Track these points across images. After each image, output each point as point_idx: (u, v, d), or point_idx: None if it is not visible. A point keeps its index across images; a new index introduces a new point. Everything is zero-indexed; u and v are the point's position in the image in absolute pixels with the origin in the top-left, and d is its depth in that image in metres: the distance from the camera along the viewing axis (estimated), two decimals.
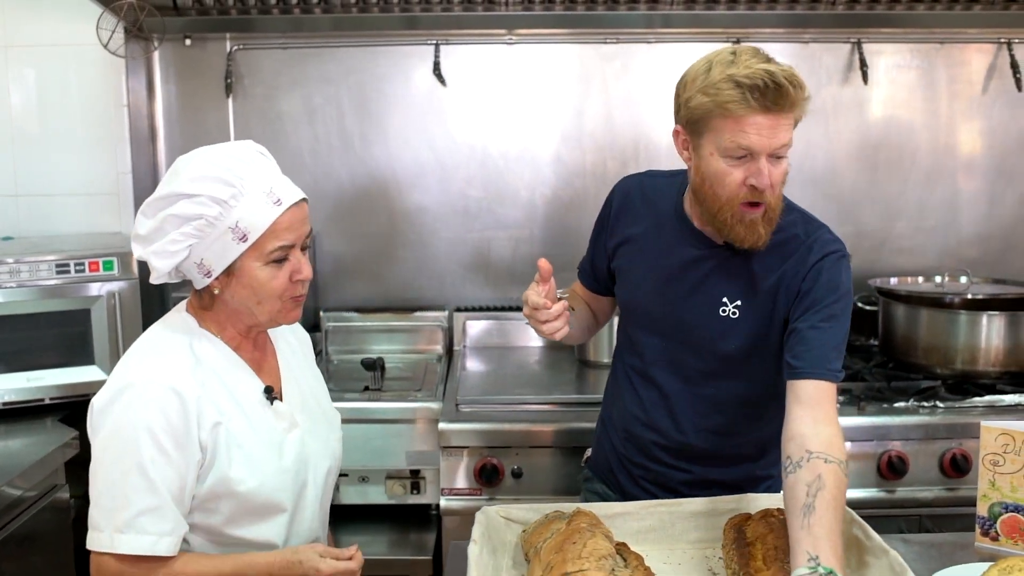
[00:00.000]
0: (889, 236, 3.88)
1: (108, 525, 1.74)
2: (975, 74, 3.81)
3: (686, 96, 1.94)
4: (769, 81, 1.84)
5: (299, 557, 1.81)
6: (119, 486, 1.73)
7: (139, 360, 1.82)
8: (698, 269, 2.11)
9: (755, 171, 1.90)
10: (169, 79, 3.72)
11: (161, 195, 1.75)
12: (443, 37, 3.70)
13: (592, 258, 2.37)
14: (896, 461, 2.96)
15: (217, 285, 1.81)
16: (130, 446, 1.73)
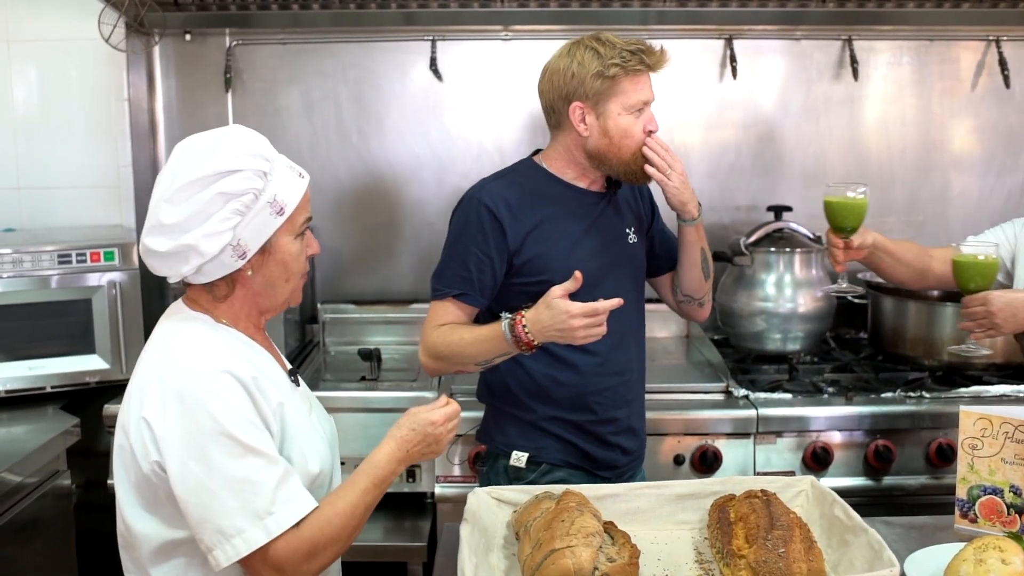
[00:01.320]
0: (879, 230, 3.83)
1: (249, 521, 1.65)
2: (964, 71, 3.87)
3: (586, 75, 2.31)
4: (650, 46, 2.38)
5: (411, 429, 1.85)
6: (235, 480, 1.65)
7: (181, 357, 1.72)
8: (601, 215, 2.48)
9: (649, 119, 2.40)
10: (169, 74, 3.77)
11: (196, 177, 1.68)
12: (440, 33, 3.75)
13: (479, 274, 2.37)
14: (883, 451, 3.02)
15: (249, 267, 1.75)
16: (220, 440, 1.65)
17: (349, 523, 1.75)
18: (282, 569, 1.69)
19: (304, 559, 1.69)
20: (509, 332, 2.24)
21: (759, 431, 3.03)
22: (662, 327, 3.90)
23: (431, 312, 2.41)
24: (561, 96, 2.36)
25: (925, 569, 1.88)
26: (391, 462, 1.83)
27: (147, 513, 1.74)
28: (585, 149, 2.39)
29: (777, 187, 3.88)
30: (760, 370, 3.46)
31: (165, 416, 1.67)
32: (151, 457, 1.68)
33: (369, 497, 1.79)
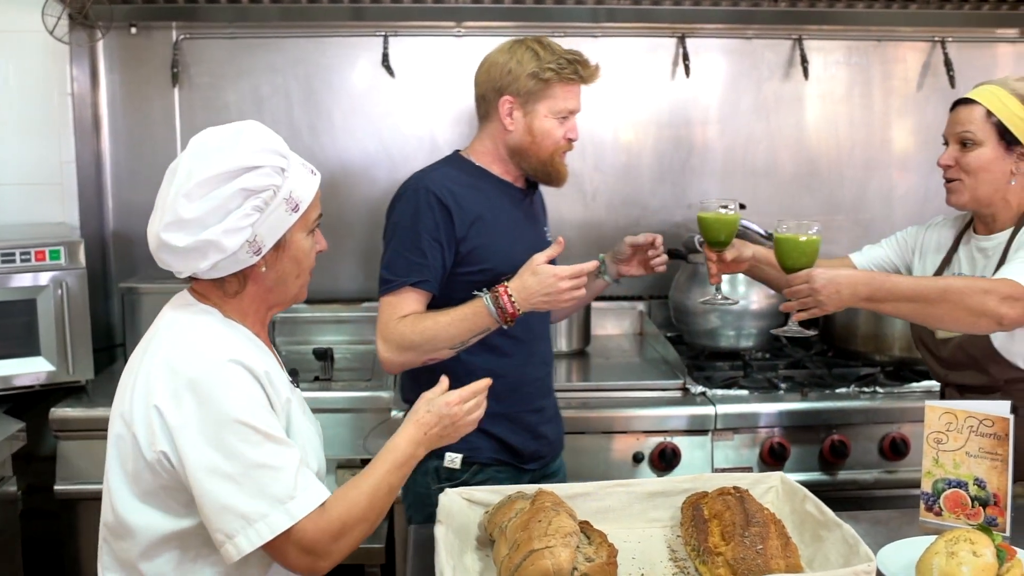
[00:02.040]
0: (828, 228, 3.91)
1: (272, 505, 1.65)
2: (911, 71, 3.93)
3: (522, 73, 2.40)
4: (587, 59, 2.47)
5: (427, 411, 1.87)
6: (255, 466, 1.65)
7: (193, 347, 1.71)
8: (528, 210, 2.58)
9: (572, 128, 2.48)
10: (114, 68, 3.68)
11: (217, 172, 1.67)
12: (391, 29, 3.71)
13: (432, 263, 2.38)
14: (839, 445, 3.05)
15: (263, 263, 1.75)
16: (237, 428, 1.65)
17: (375, 503, 1.77)
18: (313, 550, 1.70)
19: (333, 539, 1.71)
20: (493, 305, 2.29)
21: (717, 428, 3.04)
22: (616, 324, 3.91)
23: (387, 306, 2.38)
24: (494, 88, 2.44)
25: (897, 563, 1.89)
26: (410, 444, 1.84)
27: (143, 504, 1.72)
28: (507, 143, 2.47)
29: (729, 185, 3.90)
30: (715, 367, 3.48)
31: (179, 405, 1.66)
32: (158, 447, 1.67)
33: (392, 478, 1.81)
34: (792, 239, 2.36)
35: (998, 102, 2.38)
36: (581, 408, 3.09)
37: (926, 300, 2.26)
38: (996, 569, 1.80)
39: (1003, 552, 1.83)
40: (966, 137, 2.41)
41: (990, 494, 2.10)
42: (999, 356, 2.40)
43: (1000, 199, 2.43)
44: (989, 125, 2.38)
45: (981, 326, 2.27)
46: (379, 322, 2.39)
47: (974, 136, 2.40)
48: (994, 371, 2.42)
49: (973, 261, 2.51)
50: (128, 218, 3.73)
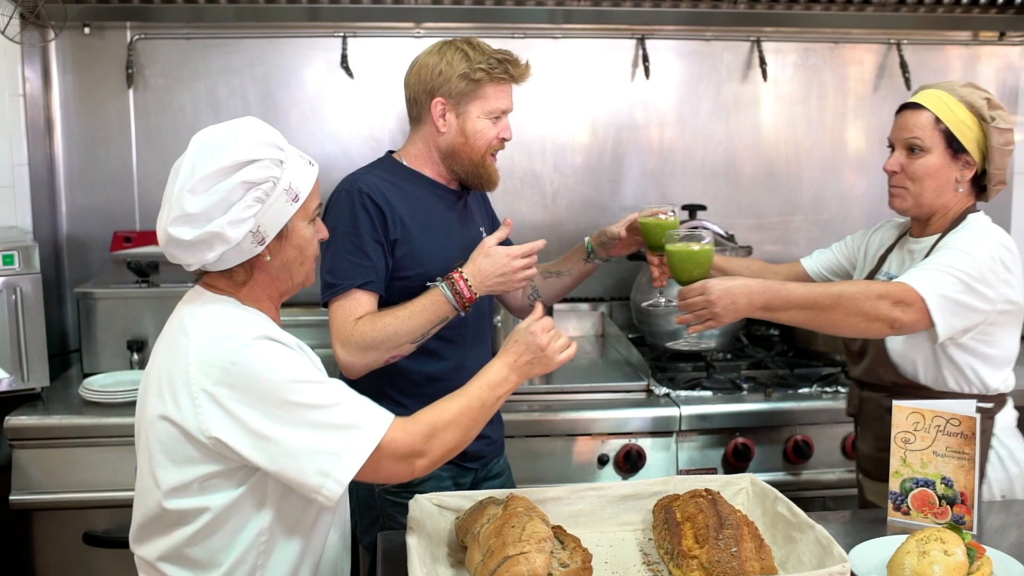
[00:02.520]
0: (787, 229, 4.01)
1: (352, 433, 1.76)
2: (867, 73, 3.97)
3: (453, 74, 2.38)
4: (517, 58, 2.46)
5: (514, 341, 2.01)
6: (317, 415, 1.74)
7: (224, 331, 1.78)
8: (462, 212, 2.57)
9: (505, 127, 2.47)
10: (67, 68, 3.61)
11: (218, 167, 1.74)
12: (350, 29, 3.67)
13: (376, 264, 2.37)
14: (802, 445, 3.07)
15: (267, 252, 1.82)
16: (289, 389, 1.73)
17: (465, 412, 1.90)
18: (409, 453, 1.82)
19: (425, 439, 1.84)
20: (449, 291, 2.32)
21: (681, 429, 3.05)
22: (577, 326, 3.90)
23: (339, 310, 2.35)
24: (425, 90, 2.43)
25: (868, 563, 1.90)
26: (503, 367, 1.98)
27: (194, 494, 1.80)
28: (439, 145, 2.46)
29: (689, 186, 3.92)
30: (677, 368, 3.48)
31: (228, 390, 1.73)
32: (211, 433, 1.74)
33: (484, 394, 1.94)
34: (685, 250, 2.33)
35: (946, 109, 2.37)
36: (544, 411, 3.08)
37: (820, 307, 2.26)
38: (967, 568, 1.82)
39: (973, 551, 1.85)
40: (914, 143, 2.39)
41: (957, 493, 2.11)
42: (887, 359, 2.44)
43: (941, 205, 2.43)
44: (937, 132, 2.37)
45: (874, 330, 2.29)
46: (333, 328, 2.36)
47: (921, 142, 2.38)
48: (882, 372, 2.46)
49: (903, 262, 2.51)
50: (82, 221, 3.66)
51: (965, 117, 2.36)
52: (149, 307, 3.24)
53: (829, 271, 2.77)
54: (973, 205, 2.46)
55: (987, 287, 2.28)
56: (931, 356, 2.39)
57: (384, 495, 2.44)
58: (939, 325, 2.24)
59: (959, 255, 2.28)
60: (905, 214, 2.51)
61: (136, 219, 3.67)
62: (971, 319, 2.29)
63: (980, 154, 2.38)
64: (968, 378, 2.38)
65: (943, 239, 2.40)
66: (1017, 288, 2.35)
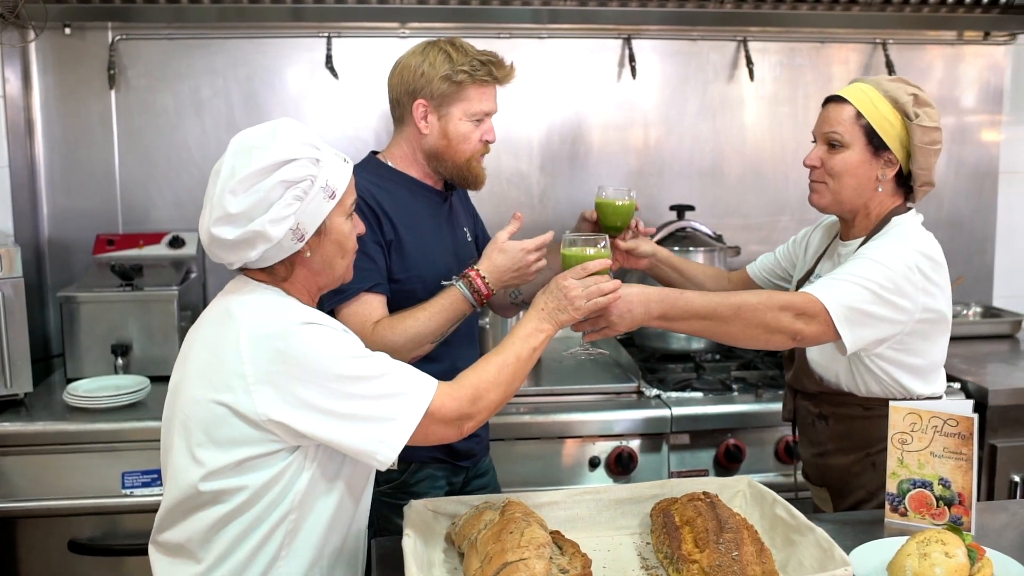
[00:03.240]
0: (774, 229, 4.00)
1: (401, 400, 1.83)
2: (853, 72, 3.97)
3: (435, 76, 2.37)
4: (501, 60, 2.44)
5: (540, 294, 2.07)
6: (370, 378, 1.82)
7: (272, 316, 1.83)
8: (448, 213, 2.56)
9: (488, 130, 2.45)
10: (48, 69, 3.56)
11: (257, 168, 1.78)
12: (335, 30, 3.65)
13: (379, 265, 2.36)
14: (793, 445, 3.05)
15: (307, 248, 1.87)
16: (339, 366, 1.80)
17: (504, 369, 1.96)
18: (458, 417, 1.89)
19: (471, 402, 1.91)
20: (467, 289, 2.32)
21: (672, 430, 3.03)
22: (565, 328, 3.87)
23: (352, 317, 2.30)
24: (408, 92, 2.42)
25: (868, 565, 1.89)
26: (533, 319, 2.04)
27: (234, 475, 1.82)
28: (423, 147, 2.45)
29: (676, 186, 3.91)
30: (667, 369, 3.47)
31: (284, 369, 1.78)
32: (267, 415, 1.78)
33: (518, 348, 2.00)
34: (580, 254, 2.24)
35: (869, 103, 2.28)
36: (535, 413, 3.06)
37: (720, 318, 2.16)
38: (968, 569, 1.80)
39: (973, 552, 1.84)
40: (833, 138, 2.31)
41: (955, 494, 2.10)
42: (808, 367, 2.42)
43: (862, 205, 2.35)
44: (858, 127, 2.29)
45: (775, 342, 2.20)
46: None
47: (841, 138, 2.29)
48: (806, 380, 2.44)
49: (832, 266, 2.41)
50: (64, 224, 3.61)
51: (888, 113, 2.27)
52: (133, 311, 3.20)
53: (772, 276, 2.71)
54: (901, 206, 2.37)
55: (901, 297, 2.20)
56: (847, 366, 2.33)
57: (378, 496, 2.41)
58: (845, 338, 2.16)
59: (871, 265, 2.20)
60: (825, 211, 2.43)
61: (119, 222, 3.62)
62: (883, 331, 2.21)
63: (904, 152, 2.29)
64: (890, 386, 2.32)
65: (863, 245, 2.32)
66: (939, 297, 2.28)
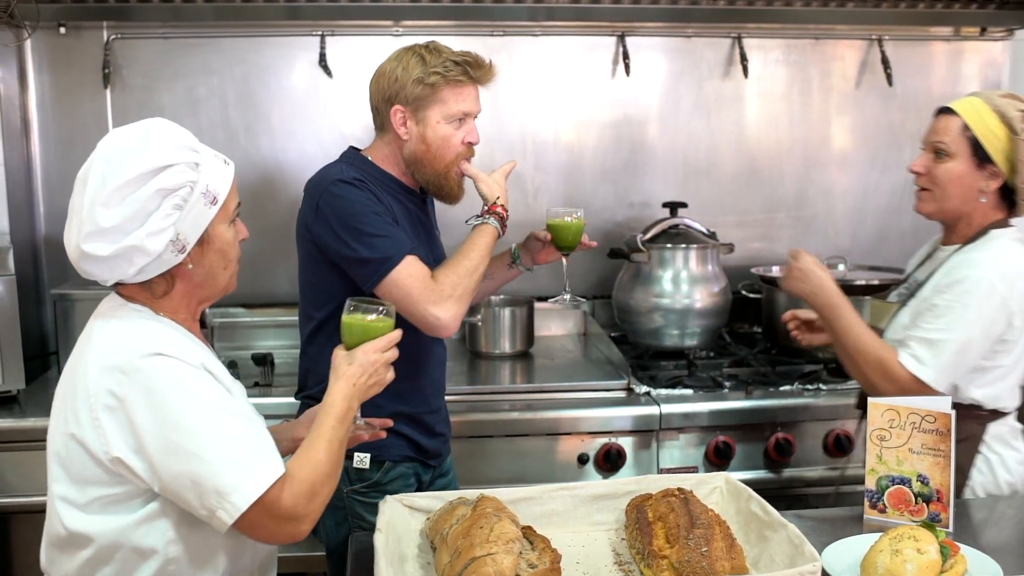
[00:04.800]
0: (771, 226, 4.00)
1: (242, 475, 1.65)
2: (848, 69, 3.95)
3: (408, 80, 2.34)
4: (477, 59, 2.39)
5: (348, 364, 1.86)
6: (217, 439, 1.65)
7: (130, 347, 1.68)
8: (426, 214, 2.56)
9: (471, 131, 2.42)
10: (43, 69, 3.58)
11: (131, 176, 1.65)
12: (329, 28, 3.65)
13: (408, 234, 2.38)
14: (783, 443, 3.05)
15: (189, 260, 1.74)
16: (191, 410, 1.65)
17: (332, 458, 1.79)
18: (294, 515, 1.71)
19: (308, 500, 1.73)
20: (497, 222, 2.40)
21: (662, 427, 3.03)
22: (560, 325, 3.89)
23: (408, 280, 2.26)
24: (384, 98, 2.40)
25: (842, 561, 1.89)
26: (344, 399, 1.84)
27: (97, 513, 1.71)
28: (404, 153, 2.43)
29: (669, 184, 3.90)
30: (659, 366, 3.47)
31: (132, 403, 1.65)
32: (112, 453, 1.66)
33: (338, 433, 1.81)
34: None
35: (976, 116, 2.34)
36: (525, 410, 3.07)
37: (842, 348, 2.41)
38: (940, 566, 1.80)
39: (947, 548, 1.83)
40: (939, 147, 2.38)
41: (933, 490, 2.10)
42: None
43: (965, 213, 2.40)
44: (964, 139, 2.34)
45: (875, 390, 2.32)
46: (414, 295, 2.27)
47: (947, 147, 2.36)
48: None
49: (930, 270, 2.48)
50: (60, 223, 3.50)
51: (995, 127, 2.32)
52: None
53: None
54: (1003, 219, 2.41)
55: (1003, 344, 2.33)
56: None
57: (352, 495, 2.42)
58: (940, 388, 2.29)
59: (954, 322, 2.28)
60: (929, 218, 2.48)
61: None
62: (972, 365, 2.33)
63: (1008, 166, 2.33)
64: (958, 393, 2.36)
65: (958, 256, 2.38)
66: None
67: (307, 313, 2.48)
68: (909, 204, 2.55)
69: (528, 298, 3.65)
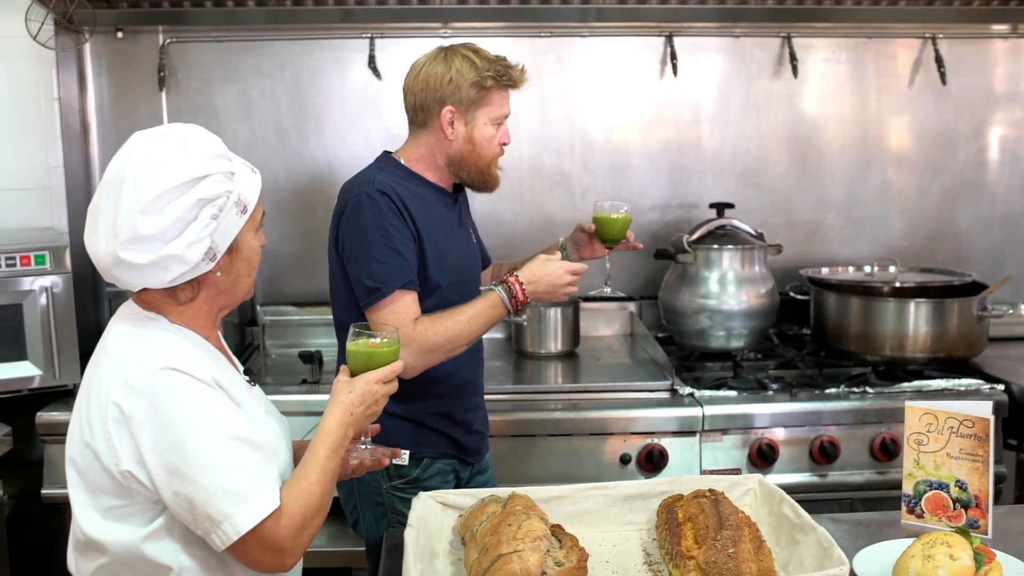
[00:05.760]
0: (820, 227, 3.96)
1: (234, 505, 1.63)
2: (901, 68, 3.90)
3: (464, 83, 2.41)
4: (515, 65, 2.48)
5: (348, 392, 1.84)
6: (213, 466, 1.63)
7: (141, 359, 1.68)
8: (459, 215, 2.61)
9: (504, 132, 2.52)
10: (101, 72, 3.68)
11: (171, 186, 1.64)
12: (378, 31, 3.70)
13: (410, 263, 2.39)
14: (828, 446, 3.03)
15: (218, 268, 1.74)
16: (193, 431, 1.63)
17: (325, 490, 1.77)
18: (281, 548, 1.69)
19: (298, 532, 1.71)
20: (506, 295, 2.38)
21: (705, 429, 3.03)
22: (606, 325, 3.89)
23: (392, 315, 2.33)
24: (435, 98, 2.44)
25: (874, 566, 1.88)
26: (340, 426, 1.82)
27: (111, 520, 1.71)
28: (448, 153, 2.48)
29: (717, 185, 3.89)
30: (704, 367, 3.46)
31: (138, 418, 1.64)
32: (122, 466, 1.66)
33: (331, 463, 1.80)
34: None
35: None
36: (569, 410, 3.08)
37: None
38: (973, 572, 1.78)
39: (981, 555, 1.81)
40: None
41: (971, 496, 2.08)
42: None
43: None
44: None
45: None
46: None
47: None
48: None
49: None
50: None
51: None
52: None
53: None
54: None
55: None
56: None
57: (391, 491, 2.46)
58: None
59: None
60: None
61: None
62: None
63: None
64: None
65: None
66: None
67: (336, 315, 2.53)
68: (964, 205, 2.52)
69: (575, 298, 3.66)
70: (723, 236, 3.54)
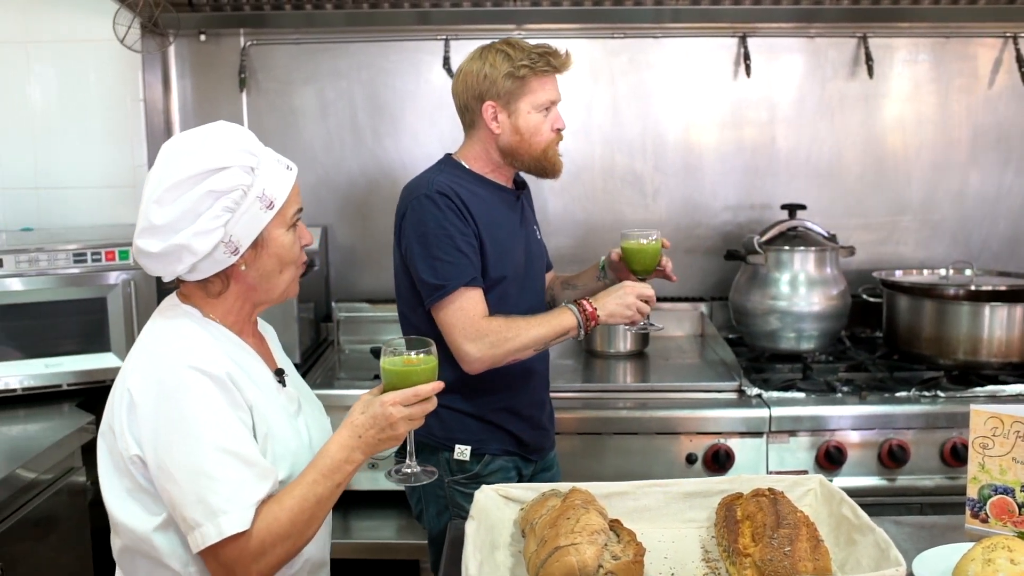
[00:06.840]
0: (895, 229, 3.92)
1: (205, 516, 1.64)
2: (981, 68, 3.84)
3: (498, 76, 2.45)
4: (555, 50, 2.50)
5: (360, 413, 1.78)
6: (195, 473, 1.65)
7: (161, 352, 1.73)
8: (521, 211, 2.63)
9: (556, 118, 2.53)
10: (184, 74, 3.80)
11: (184, 177, 1.69)
12: (453, 32, 3.75)
13: (474, 260, 2.43)
14: (897, 450, 3.00)
15: (243, 262, 1.77)
16: (187, 433, 1.65)
17: (299, 518, 1.71)
18: (232, 570, 1.68)
19: (252, 559, 1.68)
20: (579, 312, 2.42)
21: (772, 430, 3.02)
22: (677, 326, 3.90)
23: (457, 312, 2.38)
24: (474, 96, 2.49)
25: (933, 569, 1.86)
26: (341, 449, 1.77)
27: (128, 499, 1.75)
28: (498, 146, 2.52)
29: (791, 186, 3.87)
30: (774, 369, 3.45)
31: (144, 407, 1.68)
32: (131, 451, 1.70)
33: (319, 488, 1.74)
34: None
35: None
36: (637, 409, 3.10)
37: None
38: None
39: None
40: None
41: None
42: None
43: None
44: None
45: None
46: (459, 324, 2.38)
47: None
48: None
49: None
50: None
51: None
52: None
53: None
54: None
55: None
56: None
57: (453, 485, 2.51)
58: None
59: None
60: None
61: None
62: None
63: None
64: None
65: None
66: None
67: (401, 311, 2.60)
68: None
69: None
70: (794, 237, 3.53)
